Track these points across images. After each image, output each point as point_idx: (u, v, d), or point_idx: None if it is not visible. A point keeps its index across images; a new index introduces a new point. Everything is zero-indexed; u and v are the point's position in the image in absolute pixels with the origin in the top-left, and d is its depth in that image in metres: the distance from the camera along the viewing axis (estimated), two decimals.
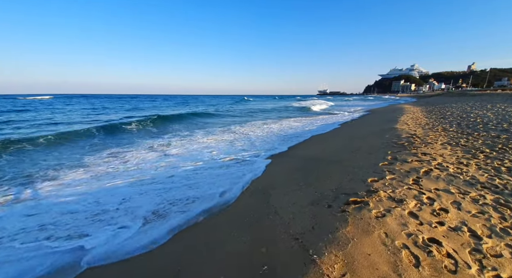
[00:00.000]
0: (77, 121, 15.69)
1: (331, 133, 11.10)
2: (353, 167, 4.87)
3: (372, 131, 9.57)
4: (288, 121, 17.03)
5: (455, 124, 9.18)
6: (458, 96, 34.99)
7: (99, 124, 12.73)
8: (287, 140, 9.69)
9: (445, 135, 7.24)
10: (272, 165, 6.08)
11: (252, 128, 13.56)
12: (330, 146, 7.86)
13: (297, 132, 11.78)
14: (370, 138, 8.17)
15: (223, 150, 7.99)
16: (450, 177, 3.81)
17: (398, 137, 7.51)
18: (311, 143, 8.99)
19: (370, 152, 6.20)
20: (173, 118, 17.10)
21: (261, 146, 8.58)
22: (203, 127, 14.51)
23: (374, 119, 15.16)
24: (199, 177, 5.25)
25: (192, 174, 5.44)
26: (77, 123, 14.86)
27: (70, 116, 19.51)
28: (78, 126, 12.96)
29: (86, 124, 13.53)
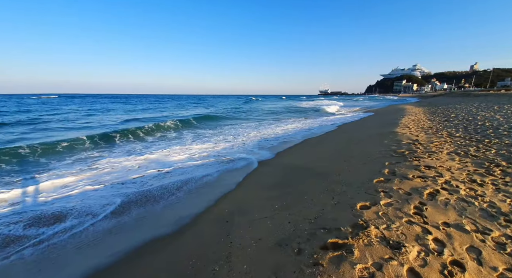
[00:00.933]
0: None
1: (326, 136, 10.24)
2: (342, 183, 4.02)
3: (370, 135, 8.69)
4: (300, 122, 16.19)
5: (461, 129, 8.26)
6: (462, 97, 33.79)
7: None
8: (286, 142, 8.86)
9: (451, 142, 6.34)
10: (252, 176, 5.26)
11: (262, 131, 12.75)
12: (322, 152, 7.01)
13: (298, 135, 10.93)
14: (367, 143, 7.31)
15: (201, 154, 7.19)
16: (462, 203, 2.96)
17: (398, 143, 6.64)
18: (302, 148, 8.14)
19: (365, 161, 5.34)
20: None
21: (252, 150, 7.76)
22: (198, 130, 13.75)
23: (374, 121, 14.25)
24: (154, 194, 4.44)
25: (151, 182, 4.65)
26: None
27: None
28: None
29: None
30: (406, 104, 32.37)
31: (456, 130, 8.11)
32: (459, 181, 3.66)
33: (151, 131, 11.79)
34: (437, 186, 3.49)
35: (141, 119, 17.43)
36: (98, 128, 12.66)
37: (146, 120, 16.71)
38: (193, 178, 5.09)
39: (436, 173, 4.03)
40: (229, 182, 4.92)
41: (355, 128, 12.01)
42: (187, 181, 4.89)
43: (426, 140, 6.80)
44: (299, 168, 5.53)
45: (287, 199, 3.71)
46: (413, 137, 7.23)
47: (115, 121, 16.44)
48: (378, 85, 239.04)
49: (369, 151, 6.27)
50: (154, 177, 5.22)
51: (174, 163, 6.30)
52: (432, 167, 4.34)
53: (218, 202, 3.91)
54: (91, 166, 6.20)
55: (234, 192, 4.37)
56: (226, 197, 4.13)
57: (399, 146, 6.29)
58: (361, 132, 9.89)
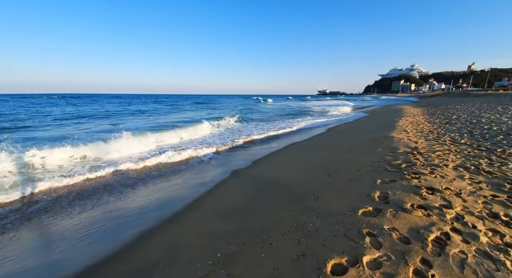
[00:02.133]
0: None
1: (313, 141, 9.16)
2: (318, 214, 2.97)
3: (363, 141, 7.63)
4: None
5: (466, 134, 7.20)
6: (461, 97, 32.65)
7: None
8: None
9: (457, 152, 5.29)
10: (216, 191, 4.21)
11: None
12: (306, 162, 5.95)
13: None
14: (357, 151, 6.26)
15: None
16: (486, 263, 1.91)
17: (393, 152, 5.59)
18: (285, 154, 7.08)
19: (352, 177, 4.29)
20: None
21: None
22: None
23: (368, 124, 13.19)
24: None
25: None
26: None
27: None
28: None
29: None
30: (404, 104, 31.32)
31: (460, 135, 7.04)
32: (475, 216, 2.61)
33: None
34: (446, 225, 2.44)
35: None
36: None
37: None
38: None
39: (443, 200, 2.97)
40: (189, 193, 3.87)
41: (346, 131, 10.93)
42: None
43: (426, 148, 5.75)
44: (274, 184, 4.48)
45: (239, 239, 2.65)
46: (411, 144, 6.18)
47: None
48: (376, 85, 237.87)
49: (359, 161, 5.22)
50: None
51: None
52: (437, 189, 3.29)
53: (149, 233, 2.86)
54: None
55: (178, 219, 3.31)
56: (163, 228, 3.07)
57: (394, 156, 5.24)
58: (352, 137, 8.82)
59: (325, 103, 44.07)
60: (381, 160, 5.10)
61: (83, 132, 11.24)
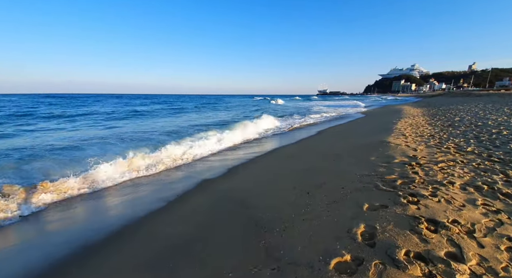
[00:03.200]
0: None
1: (299, 146, 8.27)
2: (279, 259, 2.11)
3: (355, 146, 6.74)
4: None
5: (472, 139, 6.28)
6: (462, 97, 31.51)
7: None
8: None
9: (464, 163, 4.39)
10: (158, 216, 3.36)
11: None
12: (285, 174, 5.07)
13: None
14: (347, 160, 5.37)
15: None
16: None
17: (388, 162, 4.71)
18: (266, 162, 6.22)
19: (334, 197, 3.42)
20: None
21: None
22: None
23: (364, 126, 12.27)
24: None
25: None
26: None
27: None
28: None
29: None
30: (403, 104, 30.31)
31: (466, 141, 6.13)
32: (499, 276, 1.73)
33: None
34: None
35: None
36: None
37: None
38: None
39: (450, 244, 2.09)
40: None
41: (338, 134, 10.02)
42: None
43: (427, 157, 4.85)
44: (238, 204, 3.62)
45: None
46: (409, 152, 5.28)
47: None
48: (376, 85, 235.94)
49: (348, 173, 4.35)
50: None
51: None
52: (441, 224, 2.40)
53: None
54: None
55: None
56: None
57: (389, 168, 4.36)
58: (344, 141, 7.92)
59: (338, 103, 43.57)
60: (372, 173, 4.22)
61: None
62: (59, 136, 9.87)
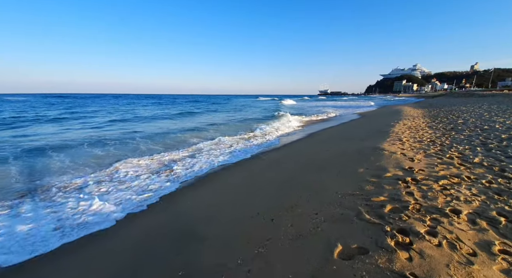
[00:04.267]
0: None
1: (279, 153, 7.41)
2: None
3: (343, 154, 5.89)
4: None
5: (479, 147, 5.38)
6: (465, 97, 30.32)
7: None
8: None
9: (471, 180, 3.52)
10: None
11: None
12: (256, 186, 4.24)
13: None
14: (330, 173, 4.53)
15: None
16: None
17: (378, 177, 3.86)
18: (232, 174, 5.39)
19: (302, 229, 2.60)
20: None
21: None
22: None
23: (360, 127, 11.36)
24: None
25: None
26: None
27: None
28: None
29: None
30: (404, 105, 29.24)
31: (472, 149, 5.24)
32: None
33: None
34: None
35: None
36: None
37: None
38: None
39: None
40: None
41: (331, 138, 9.14)
42: None
43: (426, 171, 3.99)
44: (190, 235, 2.81)
45: None
46: (405, 163, 4.42)
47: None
48: (378, 85, 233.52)
49: (327, 192, 3.52)
50: None
51: None
52: None
53: None
54: None
55: None
56: None
57: (378, 185, 3.51)
58: (336, 146, 7.06)
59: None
60: (357, 191, 3.38)
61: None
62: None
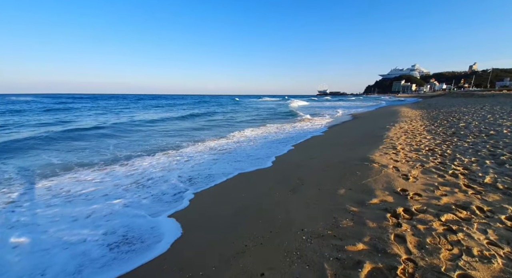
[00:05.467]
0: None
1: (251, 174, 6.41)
2: None
3: (327, 165, 4.91)
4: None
5: (488, 160, 4.37)
6: (464, 97, 29.29)
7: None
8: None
9: (485, 215, 2.54)
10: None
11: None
12: (203, 219, 3.26)
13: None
14: (303, 194, 3.55)
15: None
16: None
17: (360, 204, 2.88)
18: (200, 196, 4.40)
19: None
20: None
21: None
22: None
23: (352, 131, 10.35)
24: None
25: None
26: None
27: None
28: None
29: None
30: (402, 106, 28.22)
31: (480, 162, 4.25)
32: None
33: None
34: None
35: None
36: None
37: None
38: None
39: None
40: None
41: (314, 144, 8.10)
42: None
43: (423, 196, 3.01)
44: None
45: None
46: (397, 183, 3.44)
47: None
48: (376, 85, 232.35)
49: (287, 229, 2.55)
50: None
51: None
52: None
53: None
54: None
55: None
56: None
57: (359, 218, 2.54)
58: (316, 156, 6.06)
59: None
60: (328, 231, 2.43)
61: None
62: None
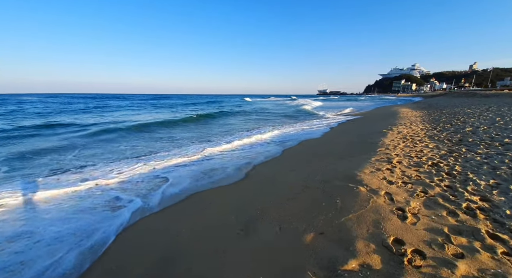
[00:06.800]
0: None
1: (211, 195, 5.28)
2: None
3: (304, 187, 3.79)
4: None
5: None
6: (467, 97, 27.98)
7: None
8: None
9: None
10: None
11: None
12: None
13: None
14: (259, 240, 2.44)
15: None
16: None
17: (331, 271, 1.77)
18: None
19: None
20: None
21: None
22: None
23: (344, 135, 9.17)
24: None
25: None
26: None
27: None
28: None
29: None
30: (402, 106, 26.97)
31: (502, 187, 3.12)
32: None
33: None
34: None
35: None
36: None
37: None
38: None
39: None
40: None
41: (296, 154, 6.92)
42: None
43: (427, 252, 1.89)
44: None
45: None
46: (389, 228, 2.33)
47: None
48: (376, 85, 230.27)
49: None
50: None
51: None
52: None
53: None
54: None
55: None
56: None
57: None
58: (294, 169, 4.92)
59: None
60: None
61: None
62: None
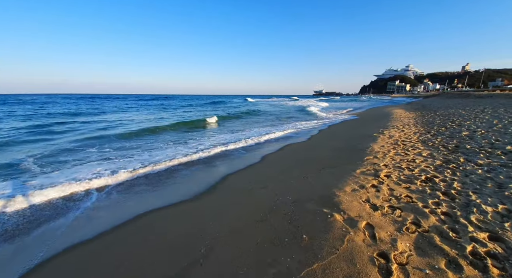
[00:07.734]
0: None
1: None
2: None
3: (268, 210, 3.01)
4: None
5: None
6: (460, 98, 27.58)
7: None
8: None
9: None
10: None
11: None
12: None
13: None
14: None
15: None
16: None
17: None
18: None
19: None
20: None
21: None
22: None
23: (332, 138, 8.38)
24: None
25: None
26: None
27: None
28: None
29: None
30: (396, 106, 26.45)
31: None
32: None
33: None
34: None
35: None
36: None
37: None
38: None
39: None
40: None
41: (276, 161, 6.06)
42: None
43: None
44: None
45: None
46: None
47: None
48: (371, 85, 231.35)
49: None
50: None
51: None
52: None
53: None
54: None
55: None
56: None
57: None
58: (266, 186, 4.12)
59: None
60: None
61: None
62: None
